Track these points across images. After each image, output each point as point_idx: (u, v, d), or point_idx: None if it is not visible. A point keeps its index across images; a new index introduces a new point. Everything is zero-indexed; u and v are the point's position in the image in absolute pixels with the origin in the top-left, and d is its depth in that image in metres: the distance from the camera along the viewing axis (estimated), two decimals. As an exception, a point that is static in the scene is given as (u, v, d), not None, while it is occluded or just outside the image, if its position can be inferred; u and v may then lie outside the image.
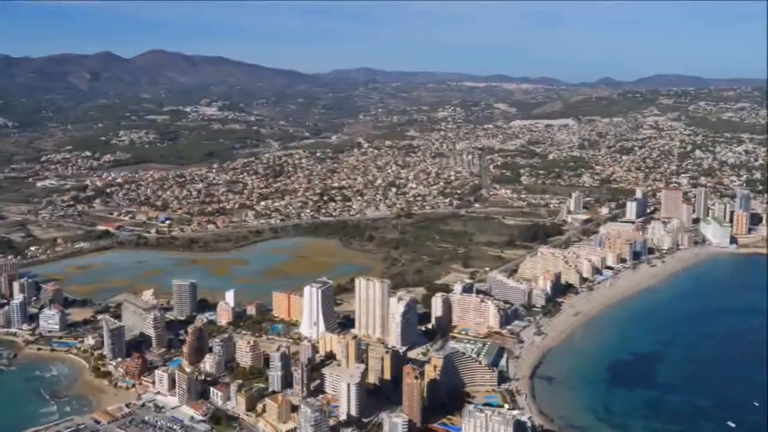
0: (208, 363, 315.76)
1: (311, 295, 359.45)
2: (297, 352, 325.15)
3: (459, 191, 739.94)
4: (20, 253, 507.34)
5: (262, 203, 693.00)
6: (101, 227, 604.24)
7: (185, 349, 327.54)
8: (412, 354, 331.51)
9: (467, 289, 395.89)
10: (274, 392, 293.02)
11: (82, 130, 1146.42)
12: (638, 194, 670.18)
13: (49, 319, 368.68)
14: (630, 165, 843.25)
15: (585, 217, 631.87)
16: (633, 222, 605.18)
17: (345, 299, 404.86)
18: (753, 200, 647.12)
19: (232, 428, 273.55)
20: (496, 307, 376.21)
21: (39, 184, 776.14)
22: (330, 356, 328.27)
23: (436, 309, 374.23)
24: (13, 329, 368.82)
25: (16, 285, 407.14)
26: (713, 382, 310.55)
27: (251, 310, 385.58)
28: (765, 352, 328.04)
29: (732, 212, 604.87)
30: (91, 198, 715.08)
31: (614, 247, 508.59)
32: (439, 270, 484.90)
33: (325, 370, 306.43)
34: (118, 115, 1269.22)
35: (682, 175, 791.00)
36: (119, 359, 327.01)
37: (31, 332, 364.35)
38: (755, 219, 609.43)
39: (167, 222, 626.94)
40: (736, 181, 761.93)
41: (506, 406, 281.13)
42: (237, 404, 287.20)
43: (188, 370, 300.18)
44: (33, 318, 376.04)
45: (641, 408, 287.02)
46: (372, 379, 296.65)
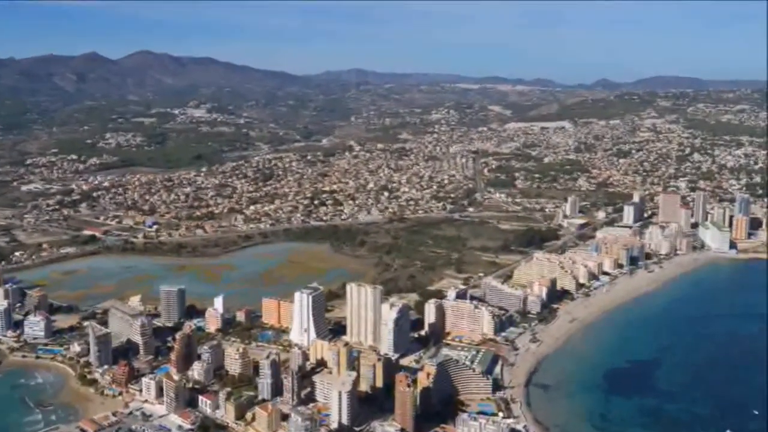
0: (197, 371, 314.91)
1: (302, 302, 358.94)
2: (287, 359, 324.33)
3: (452, 195, 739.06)
4: (4, 259, 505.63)
5: (252, 207, 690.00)
6: (87, 232, 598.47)
7: (173, 356, 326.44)
8: (404, 361, 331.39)
9: (461, 295, 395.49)
10: (263, 400, 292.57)
11: (68, 132, 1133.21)
12: (635, 198, 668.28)
13: (34, 326, 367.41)
14: (627, 168, 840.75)
15: (581, 221, 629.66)
16: (630, 227, 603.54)
17: (336, 305, 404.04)
18: (753, 204, 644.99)
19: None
20: (491, 314, 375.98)
21: (24, 188, 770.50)
22: (321, 364, 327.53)
23: (429, 315, 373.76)
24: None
25: (0, 291, 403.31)
26: (712, 389, 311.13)
27: (241, 316, 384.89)
28: (765, 358, 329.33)
29: (731, 217, 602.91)
30: (77, 202, 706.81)
31: (611, 253, 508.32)
32: (432, 276, 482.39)
33: (316, 378, 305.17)
34: (105, 118, 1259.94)
35: (681, 178, 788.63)
36: (106, 367, 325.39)
37: (15, 339, 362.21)
38: (755, 223, 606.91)
39: (155, 227, 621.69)
40: (735, 185, 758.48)
41: (501, 414, 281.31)
42: (226, 413, 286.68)
43: (176, 377, 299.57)
44: (18, 324, 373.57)
45: (638, 416, 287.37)
46: (364, 387, 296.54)
